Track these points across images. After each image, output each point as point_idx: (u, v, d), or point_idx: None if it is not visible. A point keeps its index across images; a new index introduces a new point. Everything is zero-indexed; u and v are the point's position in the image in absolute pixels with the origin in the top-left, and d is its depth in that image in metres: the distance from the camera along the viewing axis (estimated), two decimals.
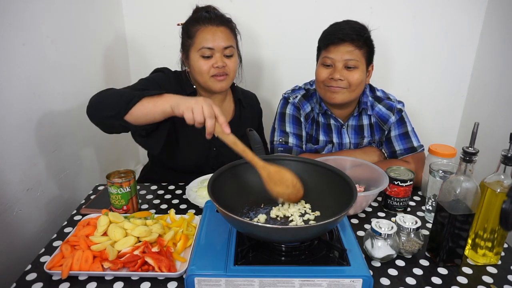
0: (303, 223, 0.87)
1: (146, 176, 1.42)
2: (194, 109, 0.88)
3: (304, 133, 1.38)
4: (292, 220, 0.88)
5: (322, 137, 1.38)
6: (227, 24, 1.24)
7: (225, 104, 1.38)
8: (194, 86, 1.31)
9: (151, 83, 1.21)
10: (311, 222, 0.87)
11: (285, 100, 1.41)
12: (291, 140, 1.35)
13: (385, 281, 0.84)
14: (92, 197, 1.21)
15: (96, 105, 1.03)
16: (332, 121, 1.37)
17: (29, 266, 0.87)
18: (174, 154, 1.29)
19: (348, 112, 1.37)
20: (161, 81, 1.24)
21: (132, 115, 0.99)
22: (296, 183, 0.89)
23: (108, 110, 1.00)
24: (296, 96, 1.39)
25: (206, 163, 1.33)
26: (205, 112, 0.87)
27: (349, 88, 1.25)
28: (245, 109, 1.41)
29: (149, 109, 0.97)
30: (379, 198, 1.19)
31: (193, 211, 1.12)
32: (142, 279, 0.83)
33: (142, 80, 1.22)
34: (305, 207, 0.92)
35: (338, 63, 1.24)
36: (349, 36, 1.21)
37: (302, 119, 1.38)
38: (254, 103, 1.48)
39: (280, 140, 1.36)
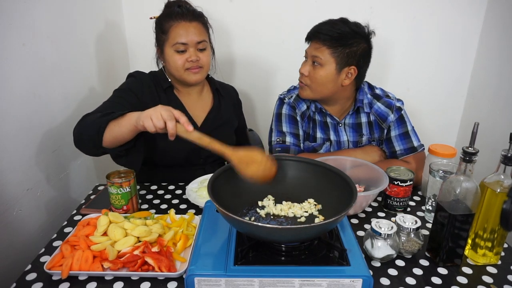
0: (305, 214, 0.87)
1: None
2: (152, 116, 0.90)
3: (301, 132, 1.39)
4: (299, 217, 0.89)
5: (319, 135, 1.39)
6: (199, 19, 1.28)
7: (204, 94, 1.42)
8: (170, 80, 1.34)
9: (125, 92, 1.24)
10: (316, 220, 0.87)
11: (281, 101, 1.42)
12: (289, 140, 1.35)
13: (385, 281, 0.84)
14: (92, 197, 1.21)
15: (78, 141, 1.09)
16: (328, 119, 1.38)
17: (29, 266, 0.87)
18: (162, 151, 1.30)
19: (342, 109, 1.38)
20: (134, 87, 1.27)
21: (106, 142, 1.03)
22: (267, 161, 0.90)
23: (87, 143, 1.06)
24: (291, 96, 1.40)
25: (194, 153, 1.35)
26: (163, 116, 0.89)
27: (311, 86, 1.28)
28: (224, 97, 1.45)
29: (117, 132, 1.01)
30: (379, 198, 1.19)
31: (193, 211, 1.12)
32: (142, 279, 0.83)
33: (116, 92, 1.25)
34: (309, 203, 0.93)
35: (309, 58, 1.27)
36: (317, 34, 1.24)
37: (298, 118, 1.39)
38: (232, 93, 1.51)
39: (278, 140, 1.36)
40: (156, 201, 1.19)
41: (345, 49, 1.22)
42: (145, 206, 1.17)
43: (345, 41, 1.22)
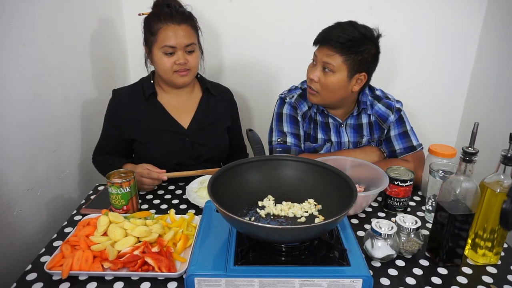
0: (305, 214, 0.88)
1: None
2: (139, 186, 1.20)
3: (302, 133, 1.38)
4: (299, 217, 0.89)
5: (320, 136, 1.38)
6: (188, 21, 1.27)
7: (193, 94, 1.42)
8: (152, 81, 1.35)
9: (109, 122, 1.35)
10: (316, 220, 0.87)
11: (282, 100, 1.41)
12: (289, 140, 1.35)
13: (385, 281, 0.84)
14: (92, 197, 1.21)
15: (101, 173, 1.34)
16: (330, 120, 1.38)
17: (30, 266, 0.88)
18: (153, 162, 1.28)
19: (345, 111, 1.37)
20: (111, 115, 1.34)
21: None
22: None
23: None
24: (293, 96, 1.39)
25: (183, 154, 1.35)
26: (143, 183, 1.21)
27: (322, 92, 1.25)
28: (215, 97, 1.43)
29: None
30: (379, 198, 1.19)
31: (193, 211, 1.12)
32: (142, 279, 0.83)
33: (104, 123, 1.37)
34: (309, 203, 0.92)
35: (319, 63, 1.24)
36: (328, 40, 1.20)
37: (299, 118, 1.38)
38: (226, 94, 1.49)
39: (279, 140, 1.36)
40: (156, 201, 1.19)
41: (357, 56, 1.20)
42: (145, 206, 1.17)
43: (356, 48, 1.19)
